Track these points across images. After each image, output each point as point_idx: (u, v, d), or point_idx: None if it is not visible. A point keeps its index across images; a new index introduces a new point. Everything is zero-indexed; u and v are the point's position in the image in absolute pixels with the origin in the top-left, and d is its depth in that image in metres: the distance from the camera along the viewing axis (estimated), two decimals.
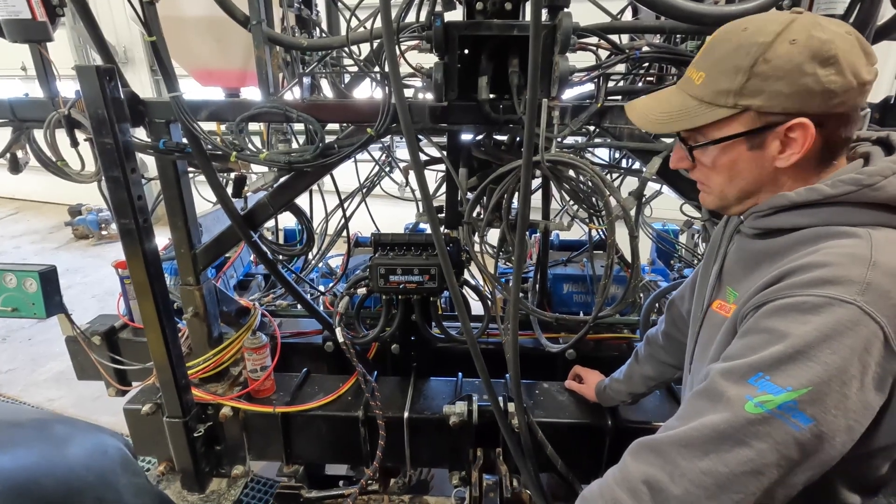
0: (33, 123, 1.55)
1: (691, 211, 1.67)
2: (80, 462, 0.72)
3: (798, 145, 0.74)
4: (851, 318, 0.65)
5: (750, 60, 0.73)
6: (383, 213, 2.57)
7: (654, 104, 0.87)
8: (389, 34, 0.98)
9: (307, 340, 2.02)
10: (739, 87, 0.74)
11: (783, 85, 0.71)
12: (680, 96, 0.82)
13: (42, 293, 1.74)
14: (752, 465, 0.66)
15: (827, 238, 0.74)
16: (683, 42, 1.64)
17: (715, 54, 0.78)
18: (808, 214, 0.77)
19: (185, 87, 1.46)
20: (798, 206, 0.77)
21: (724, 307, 0.88)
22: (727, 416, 0.68)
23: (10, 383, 4.04)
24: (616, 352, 1.91)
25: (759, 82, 0.72)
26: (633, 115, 0.89)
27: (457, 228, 1.62)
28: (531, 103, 1.01)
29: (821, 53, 0.69)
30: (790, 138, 0.75)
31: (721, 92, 0.76)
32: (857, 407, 0.64)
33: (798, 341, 0.66)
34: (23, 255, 6.87)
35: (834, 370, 0.64)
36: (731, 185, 0.84)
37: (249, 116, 1.43)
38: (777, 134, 0.75)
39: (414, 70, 1.46)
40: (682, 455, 0.70)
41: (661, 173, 1.41)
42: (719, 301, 0.91)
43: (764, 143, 0.77)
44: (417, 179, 1.10)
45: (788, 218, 0.79)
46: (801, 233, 0.77)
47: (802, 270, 0.71)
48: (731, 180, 0.83)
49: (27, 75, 7.29)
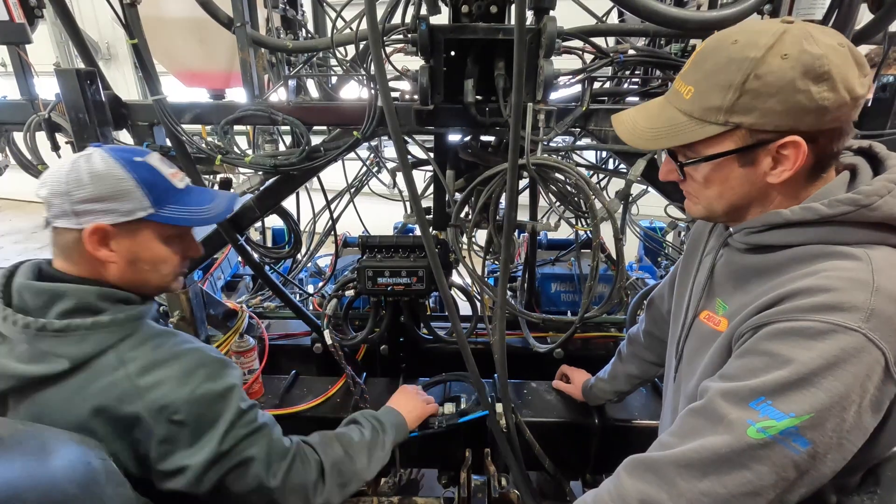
0: (12, 126, 1.52)
1: (676, 212, 1.69)
2: (63, 474, 0.71)
3: (790, 162, 0.73)
4: (856, 346, 0.65)
5: (741, 77, 0.70)
6: (371, 211, 2.57)
7: (642, 119, 0.84)
8: (375, 39, 0.98)
9: (295, 342, 2.01)
10: (730, 104, 0.72)
11: (775, 102, 0.69)
12: (668, 111, 0.80)
13: None
14: (751, 487, 0.67)
15: (824, 258, 0.73)
16: (668, 45, 1.66)
17: (704, 67, 0.75)
18: (803, 233, 0.76)
19: (169, 86, 1.44)
20: (793, 224, 0.76)
21: (713, 319, 0.87)
22: (728, 440, 0.68)
23: None
24: (603, 350, 1.93)
25: (750, 99, 0.71)
26: (621, 129, 0.87)
27: (444, 230, 1.63)
28: (516, 107, 1.01)
29: (814, 69, 0.67)
30: (782, 155, 0.73)
31: (711, 109, 0.74)
32: (852, 429, 0.65)
33: (802, 368, 0.66)
34: (5, 256, 6.76)
35: (836, 397, 0.64)
36: (720, 200, 0.82)
37: (234, 119, 1.42)
38: (769, 151, 0.73)
39: (400, 73, 1.45)
40: (680, 475, 0.71)
41: (646, 175, 1.43)
42: (708, 312, 0.90)
43: (755, 160, 0.75)
44: (406, 183, 1.10)
45: (782, 235, 0.78)
46: (794, 250, 0.77)
47: (805, 294, 0.70)
48: (720, 195, 0.81)
49: (7, 71, 7.15)
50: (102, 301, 0.91)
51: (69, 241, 0.90)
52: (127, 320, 0.91)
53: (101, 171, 0.88)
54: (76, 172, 0.87)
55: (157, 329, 0.96)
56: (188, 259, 1.05)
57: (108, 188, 0.87)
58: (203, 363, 0.92)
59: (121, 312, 0.91)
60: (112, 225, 0.89)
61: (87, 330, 0.87)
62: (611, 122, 1.39)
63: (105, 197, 0.87)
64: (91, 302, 0.89)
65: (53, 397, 0.85)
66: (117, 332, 0.89)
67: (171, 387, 0.87)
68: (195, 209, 0.97)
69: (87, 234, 0.88)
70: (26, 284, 0.89)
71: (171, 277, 1.02)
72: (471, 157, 1.54)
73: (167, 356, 0.90)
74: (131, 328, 0.91)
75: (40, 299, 0.88)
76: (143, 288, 0.99)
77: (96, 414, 0.84)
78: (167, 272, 1.00)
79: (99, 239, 0.89)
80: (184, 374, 0.89)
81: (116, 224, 0.89)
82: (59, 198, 0.87)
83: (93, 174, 0.87)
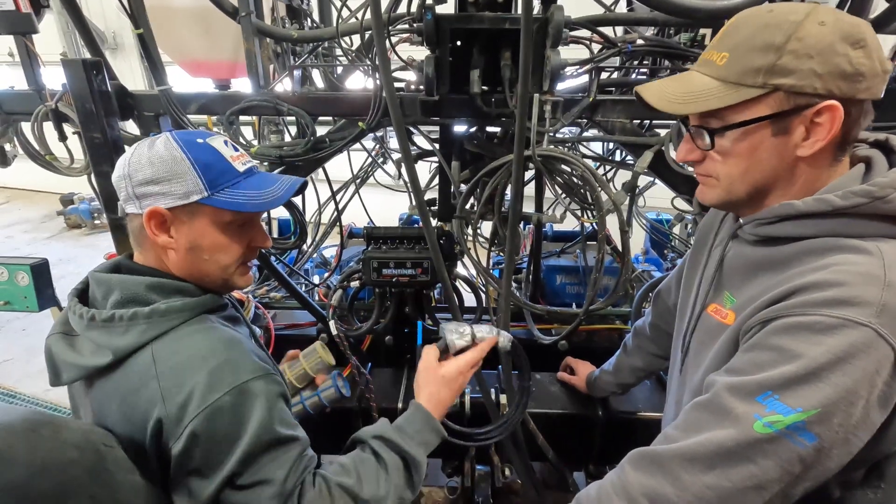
0: (20, 116, 1.53)
1: (682, 204, 1.68)
2: (73, 461, 0.72)
3: (824, 131, 0.72)
4: (865, 341, 0.64)
5: (783, 37, 0.70)
6: (377, 202, 2.57)
7: (671, 85, 0.82)
8: (379, 28, 0.97)
9: (301, 332, 2.02)
10: (771, 64, 0.71)
11: (816, 63, 0.69)
12: (699, 78, 0.78)
13: (34, 286, 1.73)
14: (756, 481, 0.67)
15: (835, 251, 0.72)
16: (676, 34, 1.64)
17: (740, 34, 0.74)
18: (815, 225, 0.75)
19: (175, 76, 1.44)
20: (805, 215, 0.75)
21: (721, 312, 0.87)
22: (734, 434, 0.68)
23: (5, 374, 4.04)
24: (608, 343, 1.93)
25: (791, 59, 0.69)
26: (649, 94, 0.84)
27: (450, 221, 1.62)
28: (522, 98, 1.00)
29: (851, 35, 0.68)
30: (816, 124, 0.72)
31: (749, 70, 0.72)
32: (859, 423, 0.65)
33: (810, 363, 0.65)
34: (15, 245, 6.83)
35: (843, 392, 0.64)
36: (744, 178, 0.79)
37: (239, 110, 1.42)
38: (803, 119, 0.72)
39: (405, 63, 1.44)
40: (685, 469, 0.71)
41: (653, 167, 1.41)
42: (715, 305, 0.89)
43: (789, 127, 0.74)
44: (408, 175, 1.10)
45: (793, 227, 0.77)
46: (805, 243, 0.76)
47: (815, 288, 0.69)
48: (746, 171, 0.79)
49: (14, 61, 7.17)
50: (151, 292, 0.86)
51: (136, 228, 0.88)
52: (171, 311, 0.84)
53: (160, 153, 0.84)
54: (138, 155, 0.85)
55: (207, 326, 0.87)
56: (255, 250, 0.97)
57: (165, 170, 0.84)
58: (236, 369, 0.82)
59: (167, 304, 0.85)
60: (169, 209, 0.85)
61: (130, 321, 0.82)
62: (618, 113, 1.40)
63: (161, 179, 0.84)
64: (139, 293, 0.86)
65: (103, 390, 0.84)
66: (159, 324, 0.83)
67: (199, 394, 0.78)
68: (253, 193, 0.89)
69: (145, 217, 0.85)
70: (95, 276, 0.88)
71: (232, 269, 0.93)
72: (476, 149, 1.53)
73: (198, 360, 0.81)
74: (177, 321, 0.84)
75: (101, 291, 0.87)
76: (206, 280, 0.92)
77: (125, 413, 0.81)
78: (227, 262, 0.92)
79: (157, 223, 0.86)
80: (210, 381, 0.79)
81: (173, 208, 0.85)
82: (123, 181, 0.85)
83: (152, 156, 0.84)
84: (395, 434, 0.96)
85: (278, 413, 0.85)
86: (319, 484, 0.88)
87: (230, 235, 0.91)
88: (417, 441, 0.97)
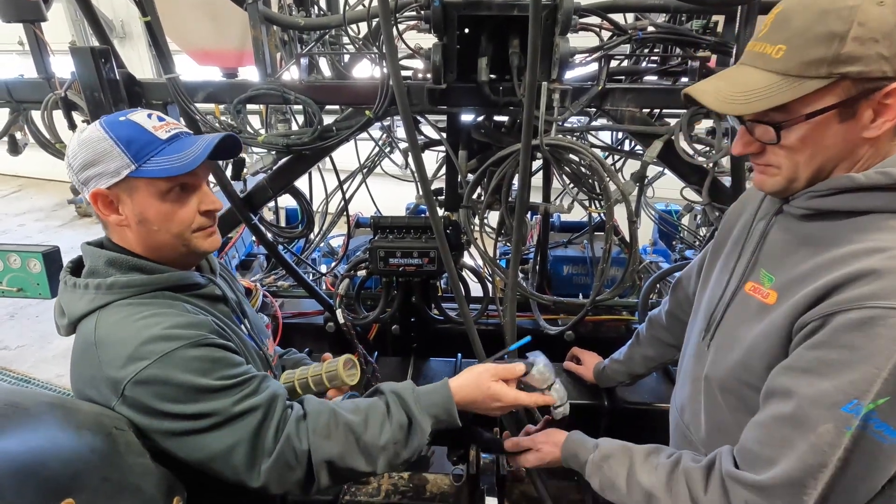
0: (30, 105, 1.54)
1: (692, 195, 1.66)
2: (85, 443, 0.74)
3: (893, 111, 0.71)
4: None
5: (843, 24, 0.68)
6: (384, 191, 2.56)
7: (728, 85, 0.79)
8: (386, 16, 0.96)
9: (308, 321, 2.04)
10: (835, 54, 0.69)
11: (882, 47, 0.68)
12: (755, 74, 0.76)
13: (46, 274, 1.76)
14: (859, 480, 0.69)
15: (890, 230, 0.71)
16: (689, 21, 1.61)
17: (794, 25, 0.72)
18: (872, 198, 0.74)
19: (182, 65, 1.44)
20: (864, 188, 0.73)
21: (761, 291, 0.85)
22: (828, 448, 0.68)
23: (20, 359, 4.12)
24: (614, 333, 1.93)
25: (856, 46, 0.68)
26: (707, 99, 0.80)
27: (457, 211, 1.62)
28: (530, 86, 0.99)
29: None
30: (884, 105, 0.71)
31: (812, 62, 0.70)
32: None
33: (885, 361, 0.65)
34: (27, 233, 6.92)
35: None
36: (809, 164, 0.77)
37: (247, 98, 1.42)
38: (871, 102, 0.71)
39: (413, 51, 1.43)
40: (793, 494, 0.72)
41: (662, 157, 1.40)
42: (752, 283, 0.87)
43: (857, 112, 0.72)
44: (415, 164, 1.10)
45: (849, 200, 0.75)
46: (857, 220, 0.75)
47: (874, 277, 0.68)
48: (812, 158, 0.77)
49: (24, 50, 7.21)
50: (110, 266, 0.92)
51: (93, 212, 0.94)
52: (116, 286, 0.89)
53: (87, 136, 0.89)
54: (72, 144, 0.91)
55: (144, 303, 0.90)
56: (210, 214, 0.99)
57: (93, 151, 0.88)
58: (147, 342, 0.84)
59: (114, 278, 0.90)
60: (107, 188, 0.89)
61: (85, 290, 0.90)
62: (627, 102, 1.38)
63: (93, 161, 0.88)
64: (98, 266, 0.92)
65: (72, 351, 0.91)
66: (105, 296, 0.89)
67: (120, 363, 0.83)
68: (176, 157, 0.90)
69: (91, 200, 0.91)
70: (82, 247, 0.97)
71: (187, 234, 0.96)
72: (484, 138, 1.52)
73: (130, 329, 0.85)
74: (122, 294, 0.89)
75: (83, 262, 0.96)
76: (165, 250, 0.96)
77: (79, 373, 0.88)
78: (179, 230, 0.94)
79: (104, 204, 0.91)
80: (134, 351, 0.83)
81: (111, 186, 0.89)
82: (69, 172, 0.91)
83: (80, 142, 0.89)
84: (411, 396, 1.00)
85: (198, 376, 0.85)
86: (329, 414, 0.94)
87: (172, 202, 0.94)
88: (430, 412, 1.00)
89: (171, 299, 0.94)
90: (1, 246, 1.72)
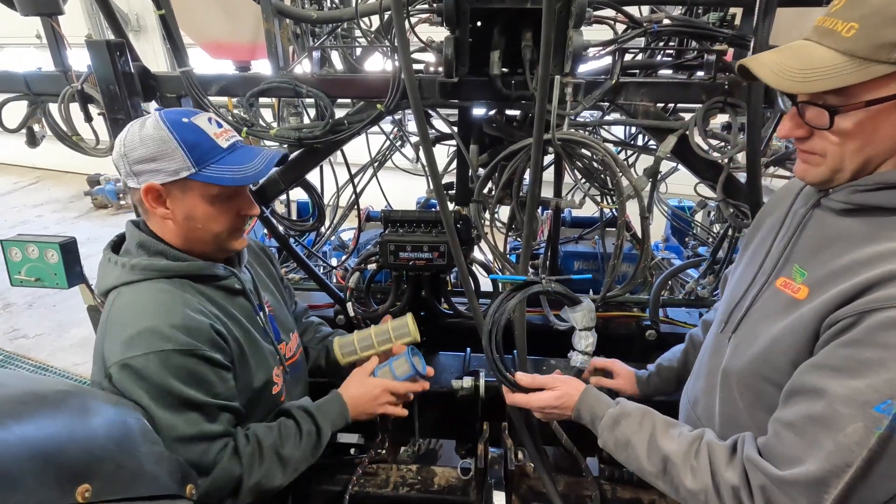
0: (48, 97, 1.56)
1: (706, 191, 1.64)
2: (101, 431, 0.75)
3: None
4: None
5: None
6: (395, 185, 2.57)
7: (789, 59, 0.74)
8: (399, 9, 0.96)
9: (319, 313, 2.05)
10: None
11: None
12: (820, 51, 0.72)
13: (63, 264, 1.79)
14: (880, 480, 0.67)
15: None
16: (705, 14, 1.58)
17: (870, 2, 0.68)
18: None
19: (196, 58, 1.45)
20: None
21: (792, 286, 0.82)
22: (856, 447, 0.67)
23: (38, 348, 4.21)
24: (625, 330, 1.91)
25: None
26: (764, 71, 0.76)
27: (467, 205, 1.62)
28: (543, 80, 0.99)
29: None
30: None
31: (884, 45, 0.66)
32: None
33: None
34: (45, 224, 7.04)
35: None
36: (857, 155, 0.74)
37: (259, 91, 1.43)
38: None
39: (424, 44, 1.43)
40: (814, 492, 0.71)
41: (676, 152, 1.38)
42: (784, 279, 0.84)
43: None
44: (426, 158, 1.10)
45: (894, 197, 0.72)
46: (893, 218, 0.73)
47: None
48: (861, 149, 0.73)
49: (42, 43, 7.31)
50: (140, 248, 1.00)
51: (137, 200, 0.99)
52: (138, 267, 0.97)
53: (150, 133, 0.93)
54: (132, 135, 0.94)
55: (162, 289, 0.96)
56: (245, 217, 1.06)
57: (155, 149, 0.93)
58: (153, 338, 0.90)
59: (138, 260, 0.98)
60: (162, 184, 0.95)
61: (114, 266, 0.99)
62: (641, 96, 1.36)
63: (153, 157, 0.93)
64: (131, 247, 1.01)
65: None
66: (129, 274, 0.97)
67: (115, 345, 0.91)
68: (236, 168, 0.98)
69: (143, 192, 0.96)
70: (126, 224, 1.06)
71: (224, 235, 1.04)
72: (495, 132, 1.52)
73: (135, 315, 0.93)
74: (143, 276, 0.97)
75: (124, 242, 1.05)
76: (201, 245, 1.03)
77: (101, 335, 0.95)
78: (219, 230, 1.02)
79: (154, 197, 0.97)
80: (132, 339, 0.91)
81: (166, 183, 0.95)
82: (121, 160, 0.95)
83: (143, 136, 0.93)
84: (316, 410, 1.17)
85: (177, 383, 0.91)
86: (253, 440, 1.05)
87: (219, 206, 1.00)
88: (330, 421, 1.17)
89: (190, 287, 1.00)
90: (20, 236, 1.75)
